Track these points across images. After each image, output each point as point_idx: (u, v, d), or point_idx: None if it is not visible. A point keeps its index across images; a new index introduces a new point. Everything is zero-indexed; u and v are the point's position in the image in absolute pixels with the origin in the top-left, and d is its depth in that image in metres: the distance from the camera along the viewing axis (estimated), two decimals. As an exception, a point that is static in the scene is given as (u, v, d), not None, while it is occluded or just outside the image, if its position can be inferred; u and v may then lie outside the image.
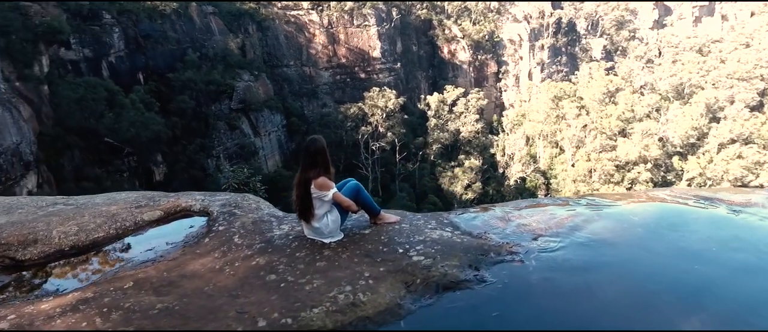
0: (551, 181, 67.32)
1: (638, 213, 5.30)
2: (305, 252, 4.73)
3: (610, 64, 75.70)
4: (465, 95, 68.37)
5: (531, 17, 72.65)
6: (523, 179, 67.20)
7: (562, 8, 76.59)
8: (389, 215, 5.30)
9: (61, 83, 46.42)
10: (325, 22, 67.37)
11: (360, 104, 64.14)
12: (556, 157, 69.30)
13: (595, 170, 61.90)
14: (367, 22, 68.59)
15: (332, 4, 66.77)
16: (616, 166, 61.48)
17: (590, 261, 4.48)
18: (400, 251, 4.71)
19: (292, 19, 66.67)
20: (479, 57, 73.84)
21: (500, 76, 75.84)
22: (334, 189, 4.79)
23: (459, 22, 73.43)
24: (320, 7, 66.89)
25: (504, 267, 4.47)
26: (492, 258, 4.60)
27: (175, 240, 5.31)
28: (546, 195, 67.63)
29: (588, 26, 79.95)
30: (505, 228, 5.25)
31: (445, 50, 73.81)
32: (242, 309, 3.95)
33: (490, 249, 4.75)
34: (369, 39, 69.01)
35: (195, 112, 58.08)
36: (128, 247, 5.28)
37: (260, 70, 64.16)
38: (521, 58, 75.02)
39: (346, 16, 67.45)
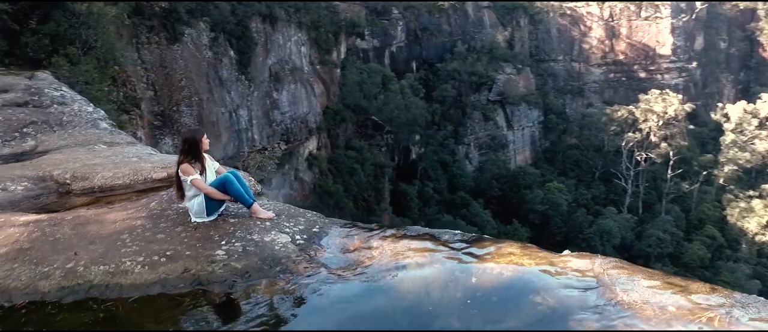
0: None
1: (487, 276, 3.99)
2: (168, 224, 5.49)
3: None
4: (789, 107, 52.32)
5: None
6: None
7: None
8: (262, 211, 5.49)
9: (350, 67, 56.30)
10: (606, 14, 61.28)
11: (631, 106, 56.62)
12: None
13: None
14: (658, 14, 59.35)
15: (616, -6, 60.18)
16: None
17: (327, 307, 3.89)
18: (223, 242, 4.98)
19: (568, 12, 63.02)
20: (824, 58, 54.72)
21: None
22: (194, 176, 5.35)
23: (798, 11, 55.76)
24: (601, -2, 61.14)
25: (268, 283, 4.30)
26: (272, 272, 4.45)
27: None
28: None
29: None
30: (350, 252, 4.82)
31: (769, 48, 57.44)
32: (78, 252, 5.07)
33: (286, 264, 4.56)
34: (658, 33, 59.64)
35: (454, 100, 61.90)
36: (125, 193, 7.03)
37: (525, 63, 63.33)
38: None
39: (631, 8, 59.88)
